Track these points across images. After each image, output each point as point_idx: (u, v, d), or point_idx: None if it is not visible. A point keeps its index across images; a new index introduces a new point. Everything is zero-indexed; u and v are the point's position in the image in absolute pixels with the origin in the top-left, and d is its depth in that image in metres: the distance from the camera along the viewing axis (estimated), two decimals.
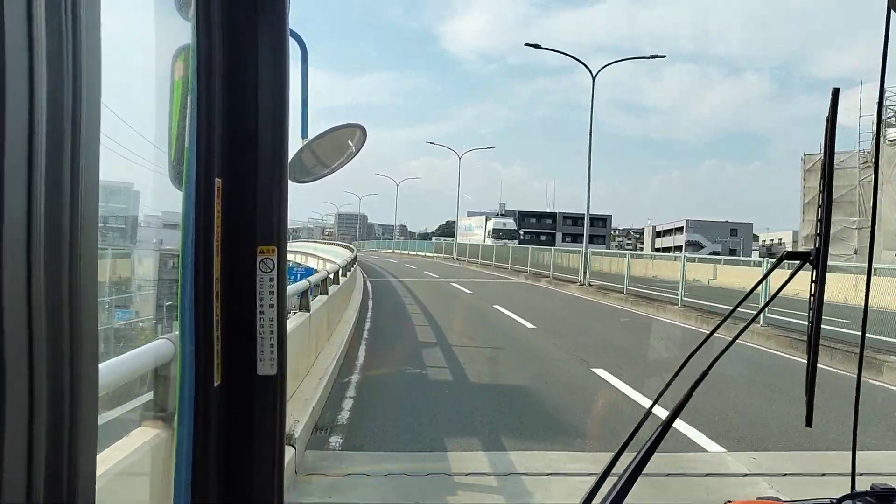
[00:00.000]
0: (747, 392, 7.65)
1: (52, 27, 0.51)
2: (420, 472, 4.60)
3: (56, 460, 0.52)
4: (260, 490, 0.92)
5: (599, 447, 5.35)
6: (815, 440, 5.61)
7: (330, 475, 4.48)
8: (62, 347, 0.53)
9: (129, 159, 22.43)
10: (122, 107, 11.14)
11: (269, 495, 0.92)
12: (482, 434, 5.65)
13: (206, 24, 0.85)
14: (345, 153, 1.33)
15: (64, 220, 0.52)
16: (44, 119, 0.50)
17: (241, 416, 0.91)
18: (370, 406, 6.56)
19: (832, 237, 11.41)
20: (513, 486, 4.47)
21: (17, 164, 0.48)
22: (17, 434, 0.49)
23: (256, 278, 0.90)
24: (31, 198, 0.49)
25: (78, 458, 0.54)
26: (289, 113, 0.92)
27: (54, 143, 0.51)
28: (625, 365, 9.00)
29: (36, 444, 0.50)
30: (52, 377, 0.52)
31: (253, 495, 0.91)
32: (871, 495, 1.01)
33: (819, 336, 1.00)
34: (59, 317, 0.52)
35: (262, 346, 0.91)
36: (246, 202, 0.89)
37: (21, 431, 0.49)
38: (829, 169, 0.98)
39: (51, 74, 0.51)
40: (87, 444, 0.56)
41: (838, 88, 0.96)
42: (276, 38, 0.89)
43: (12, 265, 0.48)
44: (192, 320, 0.86)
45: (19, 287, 0.49)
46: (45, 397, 0.51)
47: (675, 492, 4.40)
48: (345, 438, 5.43)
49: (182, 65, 0.89)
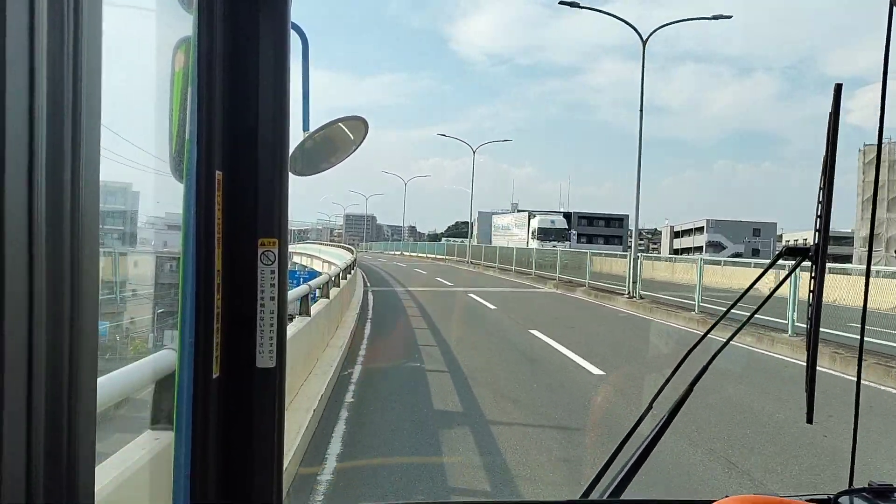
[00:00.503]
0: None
1: (53, 20, 0.51)
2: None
3: (55, 456, 0.52)
4: (260, 483, 0.92)
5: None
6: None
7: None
8: (62, 349, 0.53)
9: (129, 158, 22.26)
10: (123, 99, 11.16)
11: (269, 489, 0.93)
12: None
13: (207, 16, 0.85)
14: (347, 146, 1.33)
15: (65, 218, 0.52)
16: (44, 114, 0.50)
17: (240, 409, 0.91)
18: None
19: (892, 238, 11.04)
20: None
21: (17, 160, 0.48)
22: (16, 434, 0.49)
23: (258, 271, 0.90)
24: (32, 196, 0.49)
25: (77, 454, 0.55)
26: (290, 106, 0.92)
27: (54, 139, 0.51)
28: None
29: (35, 443, 0.50)
30: (52, 378, 0.52)
31: (253, 490, 0.92)
32: (869, 491, 1.01)
33: (818, 333, 1.01)
34: (60, 318, 0.52)
35: (262, 338, 0.91)
36: (247, 195, 0.89)
37: (20, 431, 0.49)
38: (830, 165, 0.98)
39: (51, 68, 0.51)
40: (87, 442, 0.56)
41: (840, 84, 0.96)
42: (277, 31, 0.89)
43: (13, 265, 0.48)
44: (192, 312, 0.86)
45: (20, 286, 0.49)
46: (45, 398, 0.51)
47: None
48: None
49: (182, 56, 0.89)
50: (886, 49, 0.91)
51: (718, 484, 4.54)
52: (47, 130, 0.51)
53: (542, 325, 12.19)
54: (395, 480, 4.47)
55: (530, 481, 4.46)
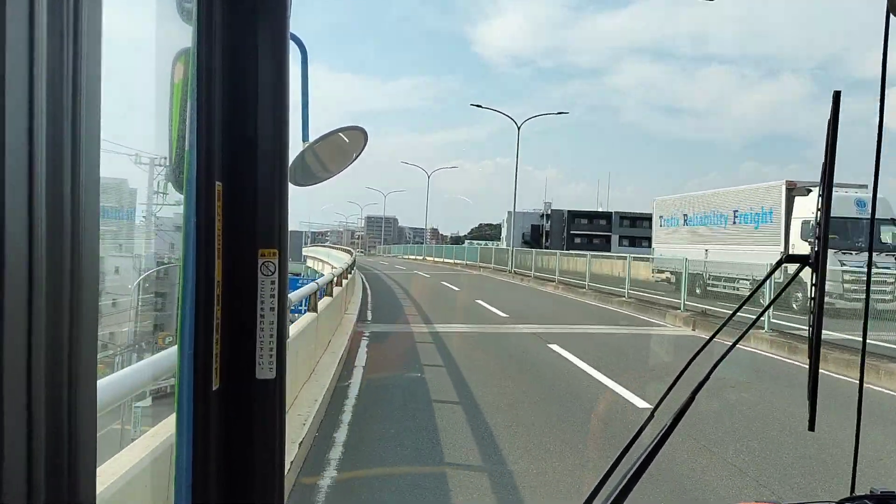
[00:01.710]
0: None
1: (52, 30, 0.51)
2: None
3: (57, 464, 0.52)
4: (261, 495, 0.91)
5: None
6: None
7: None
8: (62, 349, 0.53)
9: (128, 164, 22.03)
10: (123, 109, 11.11)
11: (270, 500, 0.92)
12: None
13: (206, 27, 0.85)
14: (345, 156, 1.33)
15: (65, 221, 0.52)
16: (43, 122, 0.50)
17: (240, 421, 0.91)
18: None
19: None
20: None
21: (17, 167, 0.48)
22: (17, 437, 0.48)
23: (258, 281, 0.90)
24: (32, 200, 0.49)
25: (78, 464, 0.54)
26: (289, 116, 0.92)
27: (54, 147, 0.51)
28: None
29: (36, 446, 0.50)
30: (52, 379, 0.51)
31: (254, 501, 0.91)
32: (871, 498, 1.01)
33: (820, 340, 1.00)
34: (60, 318, 0.52)
35: (262, 349, 0.91)
36: (247, 205, 0.89)
37: (21, 434, 0.49)
38: (829, 173, 0.98)
39: (51, 77, 0.51)
40: (87, 447, 0.55)
41: (839, 91, 0.96)
42: (276, 42, 0.90)
43: (13, 265, 0.48)
44: (192, 323, 0.85)
45: (20, 287, 0.48)
46: (45, 400, 0.51)
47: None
48: None
49: (182, 67, 0.90)
50: (885, 51, 0.91)
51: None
52: (47, 140, 0.51)
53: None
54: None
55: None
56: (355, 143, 1.34)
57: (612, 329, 13.08)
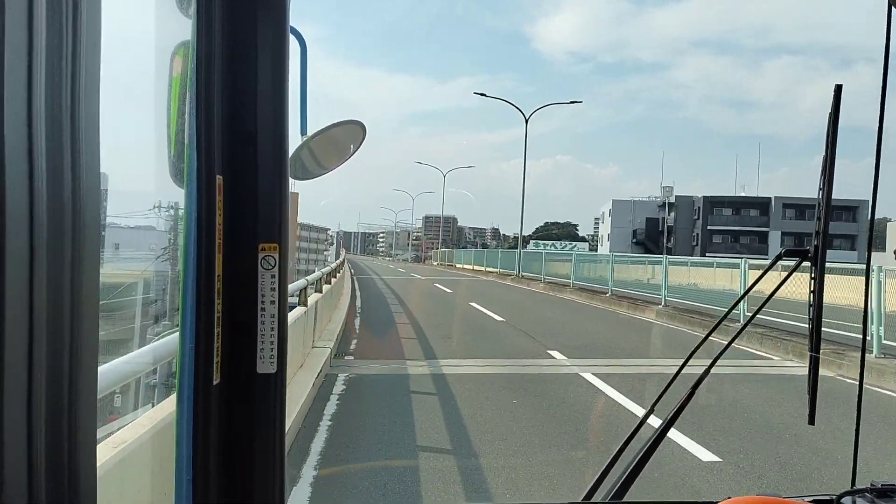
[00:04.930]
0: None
1: (52, 24, 0.51)
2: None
3: (56, 460, 0.52)
4: (262, 488, 0.92)
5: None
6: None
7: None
8: (62, 346, 0.52)
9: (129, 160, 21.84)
10: (122, 102, 11.13)
11: (271, 493, 0.92)
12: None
13: (206, 20, 0.85)
14: (344, 150, 1.33)
15: (65, 218, 0.52)
16: (42, 116, 0.50)
17: (240, 415, 0.91)
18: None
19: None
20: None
21: (17, 163, 0.48)
22: (17, 432, 0.48)
23: (258, 276, 0.90)
24: (33, 197, 0.49)
25: (79, 459, 0.54)
26: (289, 110, 0.92)
27: (54, 142, 0.51)
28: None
29: (36, 442, 0.50)
30: (52, 378, 0.51)
31: (255, 495, 0.91)
32: (871, 491, 1.01)
33: (820, 335, 1.01)
34: (60, 316, 0.52)
35: (263, 343, 0.91)
36: (247, 199, 0.89)
37: (21, 430, 0.49)
38: (830, 166, 0.98)
39: (50, 71, 0.51)
40: (88, 443, 0.55)
41: (840, 85, 0.96)
42: (276, 36, 0.89)
43: (13, 265, 0.47)
44: (192, 318, 0.85)
45: (20, 286, 0.48)
46: (45, 398, 0.51)
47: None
48: None
49: (180, 61, 0.89)
50: (886, 49, 0.91)
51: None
52: (46, 134, 0.50)
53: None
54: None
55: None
56: (354, 137, 1.33)
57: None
